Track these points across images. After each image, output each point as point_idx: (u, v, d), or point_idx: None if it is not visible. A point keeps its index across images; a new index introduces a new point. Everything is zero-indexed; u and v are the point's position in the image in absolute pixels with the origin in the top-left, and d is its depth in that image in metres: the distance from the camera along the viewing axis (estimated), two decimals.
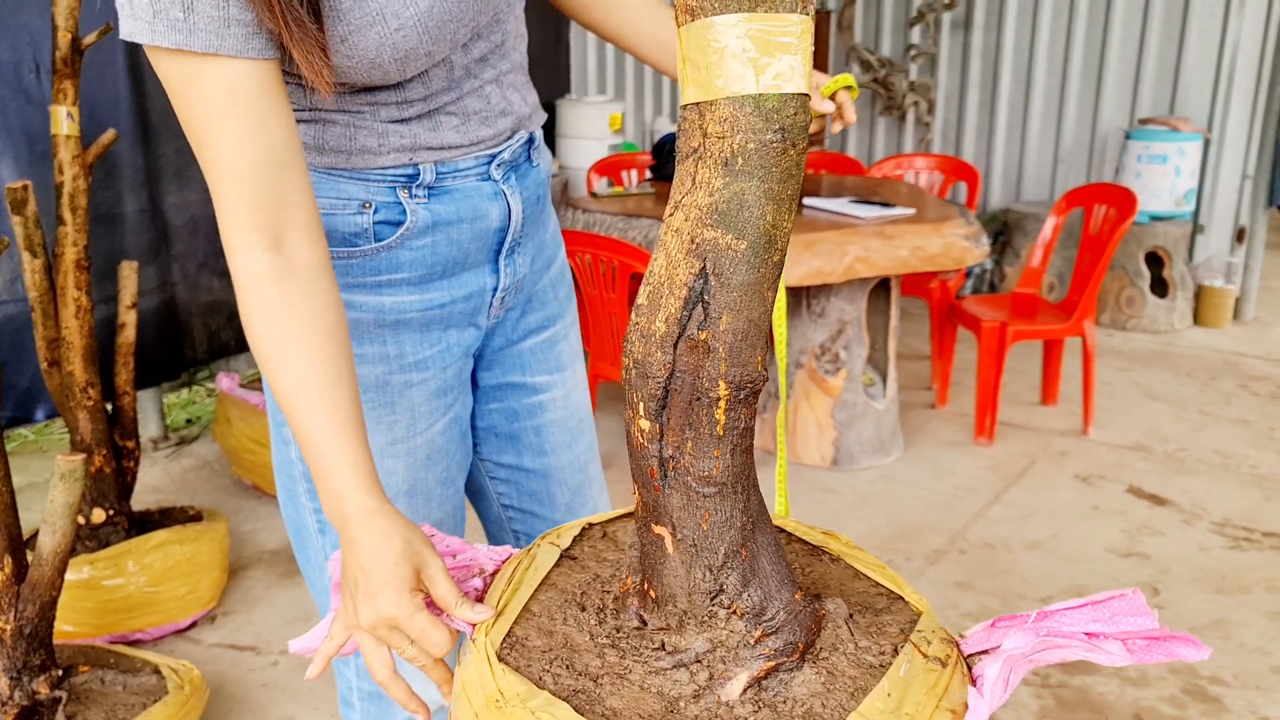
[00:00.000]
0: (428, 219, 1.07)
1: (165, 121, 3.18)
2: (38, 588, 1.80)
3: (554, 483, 1.30)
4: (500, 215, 1.12)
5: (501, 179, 1.12)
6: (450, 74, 1.05)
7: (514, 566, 0.90)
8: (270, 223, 0.90)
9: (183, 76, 0.86)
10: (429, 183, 1.07)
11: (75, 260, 2.29)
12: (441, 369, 1.14)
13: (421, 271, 1.09)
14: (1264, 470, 3.16)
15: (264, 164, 0.89)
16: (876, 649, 0.78)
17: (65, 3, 2.23)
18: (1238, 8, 4.28)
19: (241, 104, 0.87)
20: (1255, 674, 2.21)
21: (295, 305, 0.90)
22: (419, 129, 1.05)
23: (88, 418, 2.32)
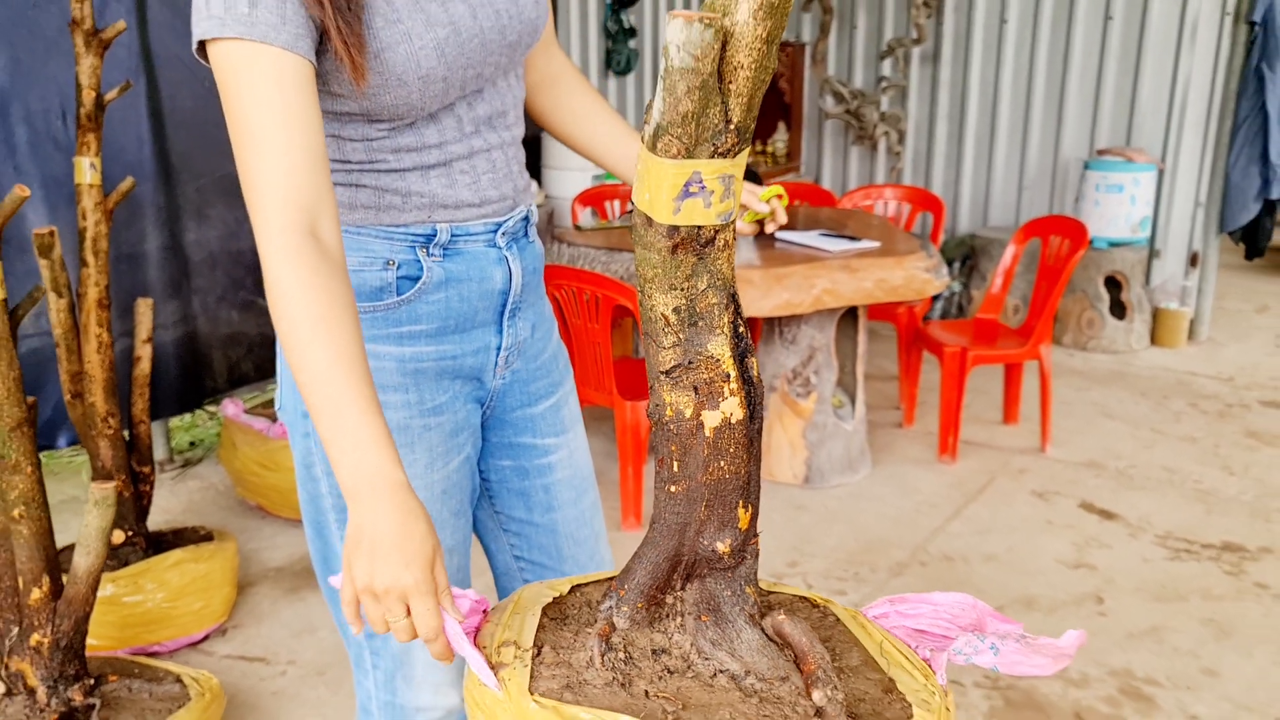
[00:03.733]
0: (441, 275, 1.24)
1: (185, 163, 3.37)
2: (73, 604, 1.97)
3: (561, 537, 1.45)
4: (503, 279, 1.29)
5: (505, 246, 1.29)
6: (460, 126, 1.21)
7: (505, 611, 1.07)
8: (309, 206, 1.02)
9: (240, 63, 1.01)
10: (444, 243, 1.23)
11: (97, 299, 2.47)
12: (454, 413, 1.30)
13: (436, 324, 1.25)
14: (1206, 485, 3.38)
15: (306, 152, 1.02)
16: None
17: (89, 63, 2.42)
18: (1189, 46, 4.52)
19: (288, 92, 1.02)
20: (1186, 675, 2.41)
21: (330, 287, 1.00)
22: (436, 184, 1.21)
23: (108, 445, 2.50)
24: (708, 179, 0.86)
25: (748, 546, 1.01)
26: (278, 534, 3.11)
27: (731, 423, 0.94)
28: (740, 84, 0.84)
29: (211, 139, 3.49)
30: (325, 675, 2.45)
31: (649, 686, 0.95)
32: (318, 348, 0.99)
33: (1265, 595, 2.73)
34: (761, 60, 0.83)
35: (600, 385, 3.12)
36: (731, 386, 0.93)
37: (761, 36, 0.82)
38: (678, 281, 0.91)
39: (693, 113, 0.83)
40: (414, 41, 1.11)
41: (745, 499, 0.98)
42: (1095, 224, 4.57)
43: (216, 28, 1.02)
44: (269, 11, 1.02)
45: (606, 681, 0.94)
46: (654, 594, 1.01)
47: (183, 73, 3.37)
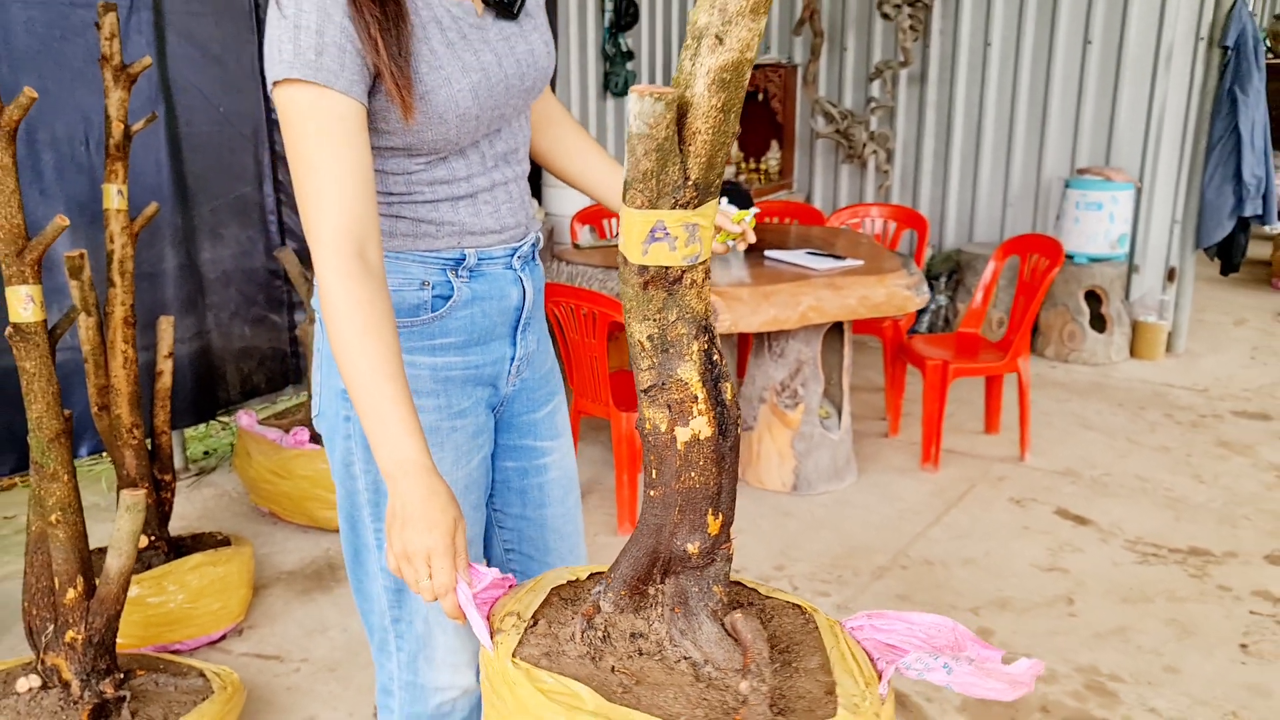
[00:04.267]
0: (468, 294, 1.42)
1: (201, 185, 3.54)
2: (105, 603, 2.12)
3: (549, 531, 1.62)
4: (518, 296, 1.48)
5: (519, 268, 1.48)
6: (483, 161, 1.40)
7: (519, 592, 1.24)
8: (358, 232, 1.20)
9: (309, 104, 1.20)
10: (471, 265, 1.41)
11: (123, 318, 2.63)
12: (475, 417, 1.47)
13: (463, 337, 1.43)
14: (1177, 493, 3.53)
15: (357, 184, 1.21)
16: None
17: (117, 96, 2.57)
18: (1164, 70, 4.69)
19: (349, 131, 1.21)
20: (1148, 672, 2.56)
21: (375, 302, 1.19)
22: (464, 213, 1.39)
23: (132, 455, 2.65)
24: (671, 227, 1.01)
25: (718, 550, 1.16)
26: (289, 539, 3.26)
27: (700, 439, 1.08)
28: (699, 146, 0.99)
29: (225, 163, 3.66)
30: (336, 672, 2.60)
31: (616, 663, 1.10)
32: (363, 356, 1.18)
33: (1227, 597, 2.88)
34: (718, 126, 0.99)
35: (597, 397, 3.27)
36: (700, 407, 1.08)
37: (716, 106, 0.97)
38: (650, 313, 1.06)
39: (652, 171, 0.99)
40: (453, 85, 1.30)
41: (715, 508, 1.13)
42: (1076, 240, 4.74)
43: (286, 70, 1.20)
44: (332, 59, 1.20)
45: (580, 654, 1.10)
46: (636, 584, 1.17)
47: (199, 100, 3.53)
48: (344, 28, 1.20)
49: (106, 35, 2.51)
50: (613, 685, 1.06)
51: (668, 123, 0.96)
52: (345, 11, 1.20)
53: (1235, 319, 5.65)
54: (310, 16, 1.19)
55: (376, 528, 1.45)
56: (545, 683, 1.05)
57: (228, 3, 3.56)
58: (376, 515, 1.44)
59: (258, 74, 3.71)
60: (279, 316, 3.95)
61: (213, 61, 3.55)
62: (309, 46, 1.19)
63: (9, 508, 3.51)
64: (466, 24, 1.34)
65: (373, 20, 1.21)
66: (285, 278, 3.93)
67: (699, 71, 0.95)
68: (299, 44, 1.19)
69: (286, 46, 1.20)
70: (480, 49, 1.34)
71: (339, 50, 1.20)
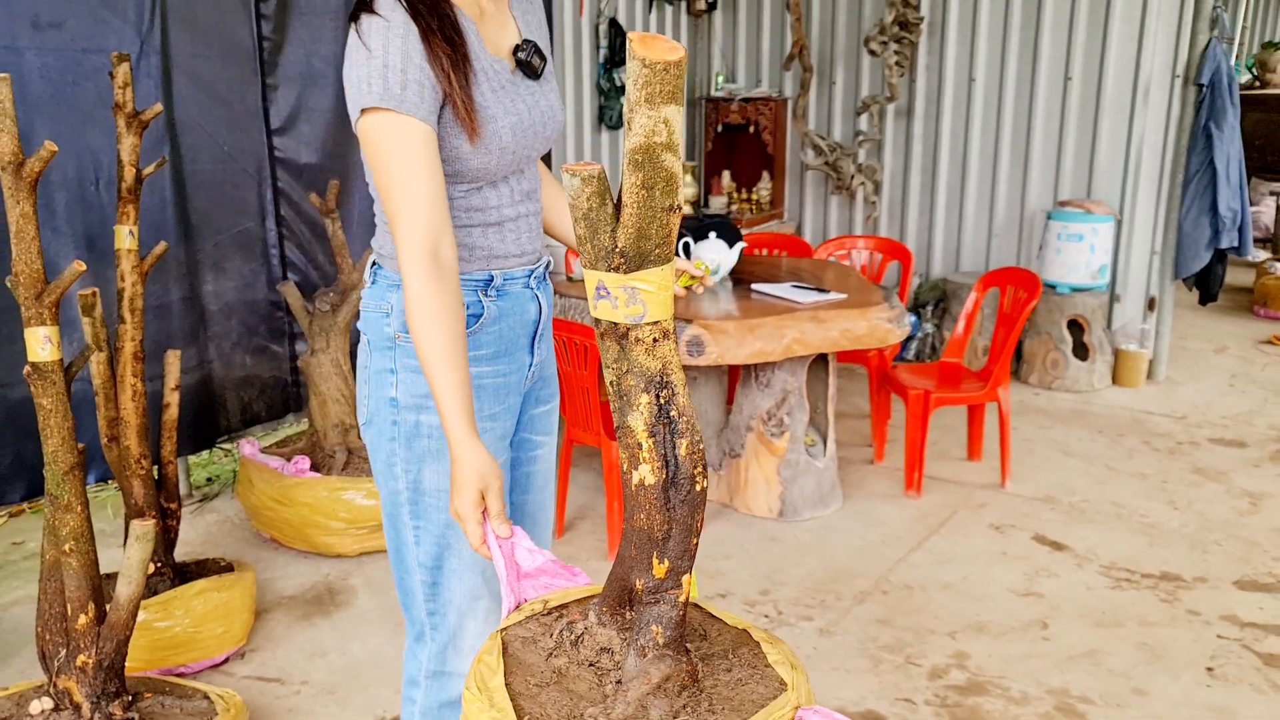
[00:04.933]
0: (495, 312, 1.65)
1: (204, 221, 3.66)
2: (115, 628, 2.22)
3: (525, 516, 1.84)
4: (535, 312, 1.72)
5: (535, 287, 1.71)
6: (512, 195, 1.63)
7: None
8: (435, 238, 1.45)
9: (390, 130, 1.44)
10: (498, 286, 1.65)
11: (133, 353, 2.74)
12: (505, 421, 1.71)
13: (493, 350, 1.66)
14: (1151, 519, 3.64)
15: (436, 197, 1.45)
16: None
17: (129, 142, 2.70)
18: (1142, 106, 4.83)
19: (427, 152, 1.45)
20: (1117, 694, 2.66)
21: (442, 295, 1.44)
22: (493, 238, 1.63)
23: (140, 484, 2.76)
24: (611, 287, 1.13)
25: (662, 594, 1.22)
26: (290, 564, 3.36)
27: (644, 485, 1.19)
28: (625, 218, 1.10)
29: (228, 199, 3.78)
30: (335, 694, 2.70)
31: (561, 664, 1.26)
32: (427, 341, 1.44)
33: (1196, 621, 2.99)
34: (643, 200, 1.08)
35: (589, 426, 3.38)
36: (644, 455, 1.18)
37: (636, 183, 1.08)
38: (609, 361, 1.18)
39: (585, 236, 1.11)
40: (498, 122, 1.55)
41: (660, 553, 1.20)
42: (1058, 270, 4.86)
43: (377, 100, 1.44)
44: (413, 93, 1.45)
45: (546, 648, 1.27)
46: (615, 606, 1.28)
47: (204, 139, 3.66)
48: (422, 67, 1.45)
49: (120, 84, 2.64)
50: (536, 678, 1.24)
51: (587, 195, 1.09)
52: (422, 54, 1.46)
53: (1216, 346, 5.77)
54: (396, 57, 1.44)
55: (415, 525, 1.65)
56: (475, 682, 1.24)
57: (232, 45, 3.69)
58: (415, 513, 1.64)
59: (261, 113, 3.85)
60: (280, 347, 4.06)
61: (218, 101, 3.68)
62: (396, 82, 1.43)
63: (18, 534, 3.61)
64: (504, 77, 1.59)
65: (445, 58, 1.47)
66: (286, 309, 4.04)
67: (623, 153, 1.08)
68: (387, 80, 1.43)
69: (376, 81, 1.44)
70: (515, 98, 1.59)
71: (419, 85, 1.45)
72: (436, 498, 1.64)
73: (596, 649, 1.28)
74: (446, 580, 1.66)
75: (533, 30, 1.69)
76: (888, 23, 5.16)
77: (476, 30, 1.57)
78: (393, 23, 1.46)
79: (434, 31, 1.47)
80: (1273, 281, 6.33)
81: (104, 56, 3.30)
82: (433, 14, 1.48)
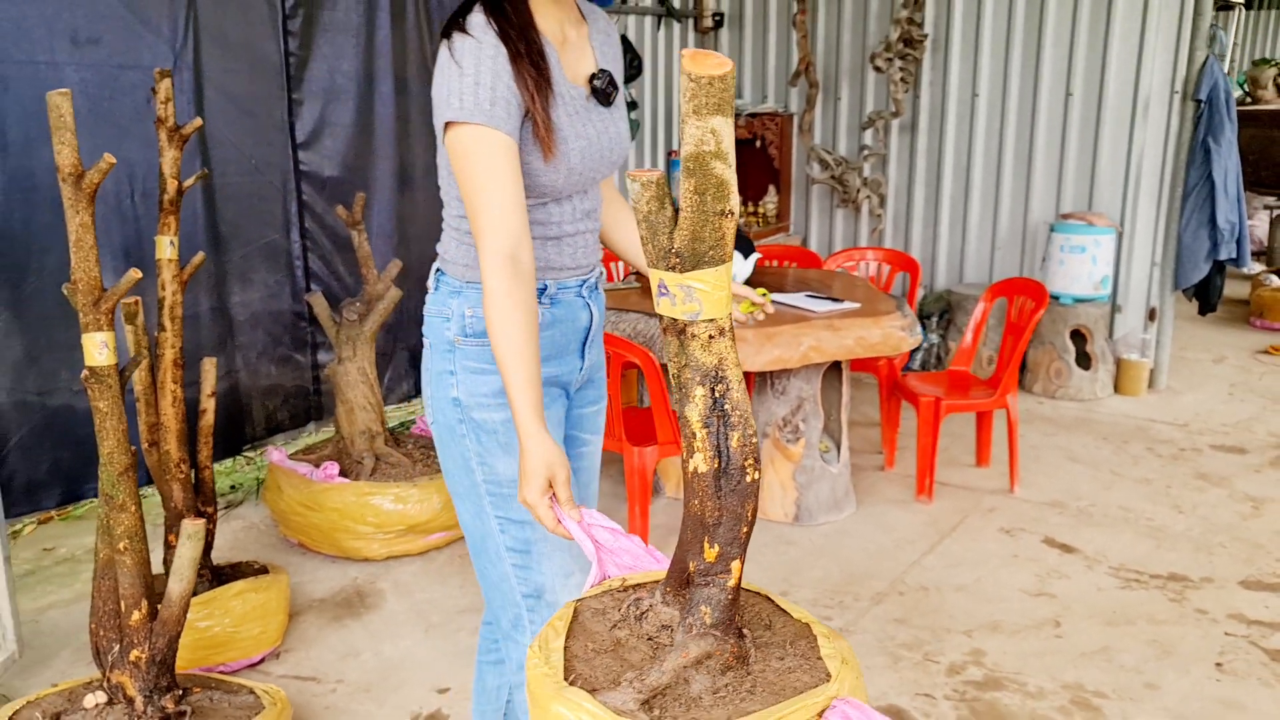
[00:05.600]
0: (550, 319, 1.75)
1: (233, 232, 3.75)
2: (167, 624, 2.29)
3: None
4: (587, 319, 1.82)
5: (587, 296, 1.82)
6: (574, 213, 1.74)
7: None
8: (514, 242, 1.55)
9: (482, 140, 1.55)
10: (553, 294, 1.75)
11: (173, 360, 2.82)
12: (554, 412, 1.80)
13: (546, 353, 1.76)
14: (1157, 523, 3.73)
15: (517, 205, 1.56)
16: None
17: (170, 155, 2.78)
18: (1142, 121, 4.95)
19: (510, 164, 1.56)
20: (1130, 689, 2.74)
21: (522, 299, 1.54)
22: (551, 251, 1.73)
23: (179, 489, 2.84)
24: (670, 285, 1.22)
25: (712, 577, 1.30)
26: (319, 568, 3.43)
27: (698, 473, 1.27)
28: (681, 221, 1.20)
29: (255, 211, 3.87)
30: (371, 692, 2.77)
31: (621, 635, 1.34)
32: (500, 338, 1.54)
33: (1204, 620, 3.07)
34: (695, 205, 1.18)
35: (610, 432, 3.46)
36: (698, 445, 1.26)
37: (690, 189, 1.17)
38: (671, 355, 1.26)
39: (646, 238, 1.20)
40: (568, 144, 1.66)
41: (711, 538, 1.27)
42: (1061, 281, 4.97)
43: (467, 115, 1.55)
44: (499, 107, 1.56)
45: (611, 620, 1.36)
46: (677, 586, 1.36)
47: (233, 153, 3.75)
48: (509, 86, 1.58)
49: (162, 99, 2.73)
50: (596, 644, 1.33)
51: (648, 199, 1.18)
52: (509, 72, 1.58)
53: (1215, 356, 5.88)
54: (486, 75, 1.56)
55: (498, 515, 1.74)
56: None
57: (261, 60, 3.79)
58: (496, 504, 1.74)
59: (286, 127, 3.94)
60: (303, 356, 4.15)
61: (246, 115, 3.77)
62: (485, 98, 1.55)
63: (49, 540, 3.68)
64: (579, 103, 1.70)
65: (530, 80, 1.59)
66: (310, 319, 4.13)
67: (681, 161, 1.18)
68: (478, 96, 1.55)
69: (468, 96, 1.55)
70: (586, 123, 1.71)
71: (505, 102, 1.57)
72: (513, 487, 1.72)
73: (658, 625, 1.36)
74: (537, 563, 1.74)
75: (609, 60, 1.80)
76: (893, 39, 5.28)
77: (558, 57, 1.68)
78: (484, 44, 1.58)
79: (522, 55, 1.59)
80: (1268, 293, 6.45)
81: (139, 72, 3.39)
82: (521, 39, 1.60)
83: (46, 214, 3.22)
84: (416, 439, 3.80)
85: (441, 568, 3.45)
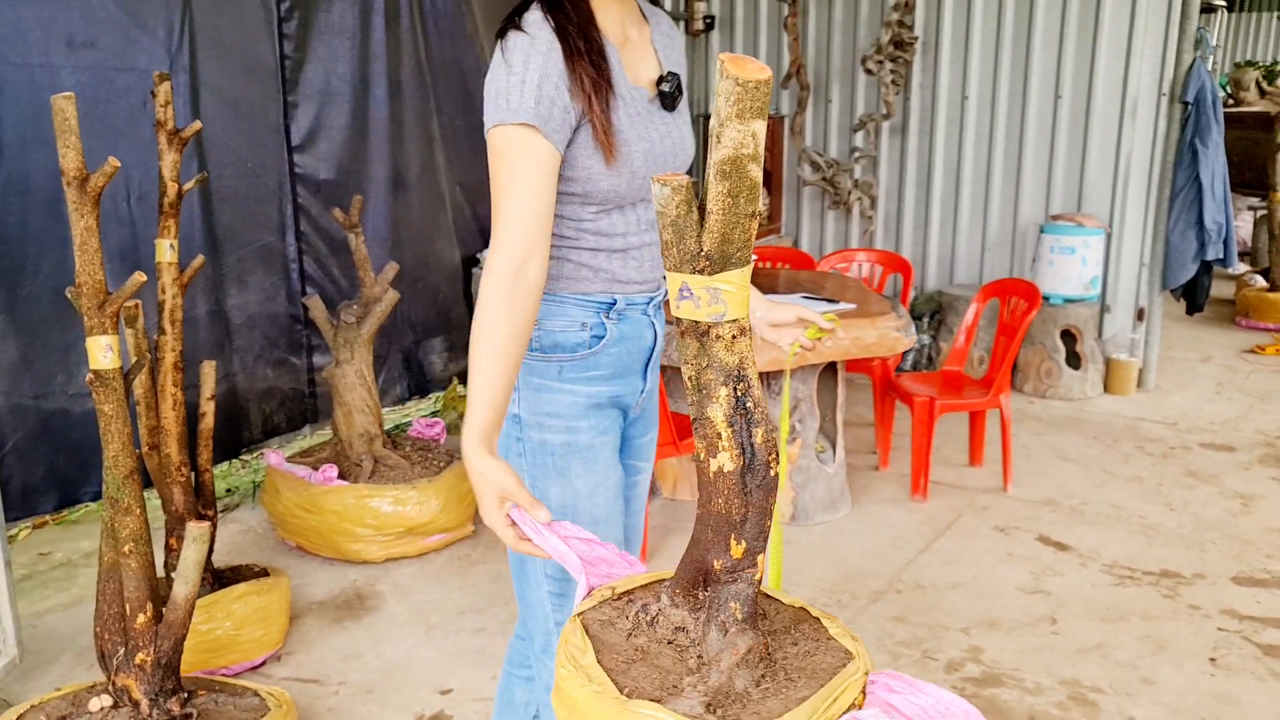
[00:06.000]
0: (616, 335, 1.70)
1: (229, 235, 3.74)
2: (172, 627, 2.29)
3: (625, 532, 1.90)
4: (651, 339, 1.77)
5: (652, 315, 1.77)
6: (639, 223, 1.69)
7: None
8: (526, 252, 1.50)
9: (518, 142, 1.50)
10: (620, 310, 1.70)
11: (173, 363, 2.82)
12: (615, 435, 1.76)
13: (610, 371, 1.71)
14: (1149, 520, 3.77)
15: (540, 213, 1.51)
16: None
17: (170, 159, 2.78)
18: (1130, 123, 5.00)
19: (542, 169, 1.51)
20: (1126, 684, 2.78)
21: (514, 311, 1.49)
22: (616, 263, 1.68)
23: (180, 492, 2.84)
24: (694, 288, 1.23)
25: (739, 573, 1.32)
26: (318, 571, 3.44)
27: (723, 472, 1.28)
28: (711, 224, 1.20)
29: (251, 214, 3.87)
30: (374, 693, 2.78)
31: (642, 642, 1.34)
32: (481, 346, 1.48)
33: (1196, 615, 3.11)
34: (727, 208, 1.19)
35: None
36: (723, 444, 1.27)
37: (723, 192, 1.19)
38: (689, 358, 1.28)
39: (671, 242, 1.21)
40: (631, 147, 1.61)
41: (738, 535, 1.29)
42: (1051, 282, 5.01)
43: (512, 116, 1.50)
44: (545, 110, 1.51)
45: (624, 629, 1.35)
46: (689, 587, 1.37)
47: (229, 156, 3.75)
48: (558, 86, 1.52)
49: (162, 102, 2.73)
50: (623, 655, 1.31)
51: (676, 203, 1.19)
52: (561, 73, 1.53)
53: (1202, 356, 5.94)
54: (534, 74, 1.51)
55: None
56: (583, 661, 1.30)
57: (256, 64, 3.80)
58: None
59: (282, 130, 3.95)
60: (298, 359, 4.15)
61: (242, 118, 3.77)
62: (530, 97, 1.50)
63: (44, 544, 3.66)
64: (641, 105, 1.66)
65: (588, 80, 1.54)
66: (306, 322, 4.13)
67: (710, 164, 1.18)
68: (522, 95, 1.50)
69: (514, 96, 1.50)
70: (649, 126, 1.66)
71: (551, 104, 1.51)
72: (561, 513, 1.68)
73: (672, 628, 1.37)
74: (574, 593, 1.72)
75: (672, 63, 1.74)
76: (884, 42, 5.32)
77: (619, 57, 1.63)
78: (537, 40, 1.53)
79: (580, 54, 1.54)
80: (1253, 293, 6.52)
81: (135, 75, 3.39)
82: (580, 36, 1.55)
83: (42, 217, 3.22)
84: (414, 441, 3.80)
85: (440, 569, 3.45)
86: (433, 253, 4.60)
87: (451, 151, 4.63)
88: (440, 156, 4.56)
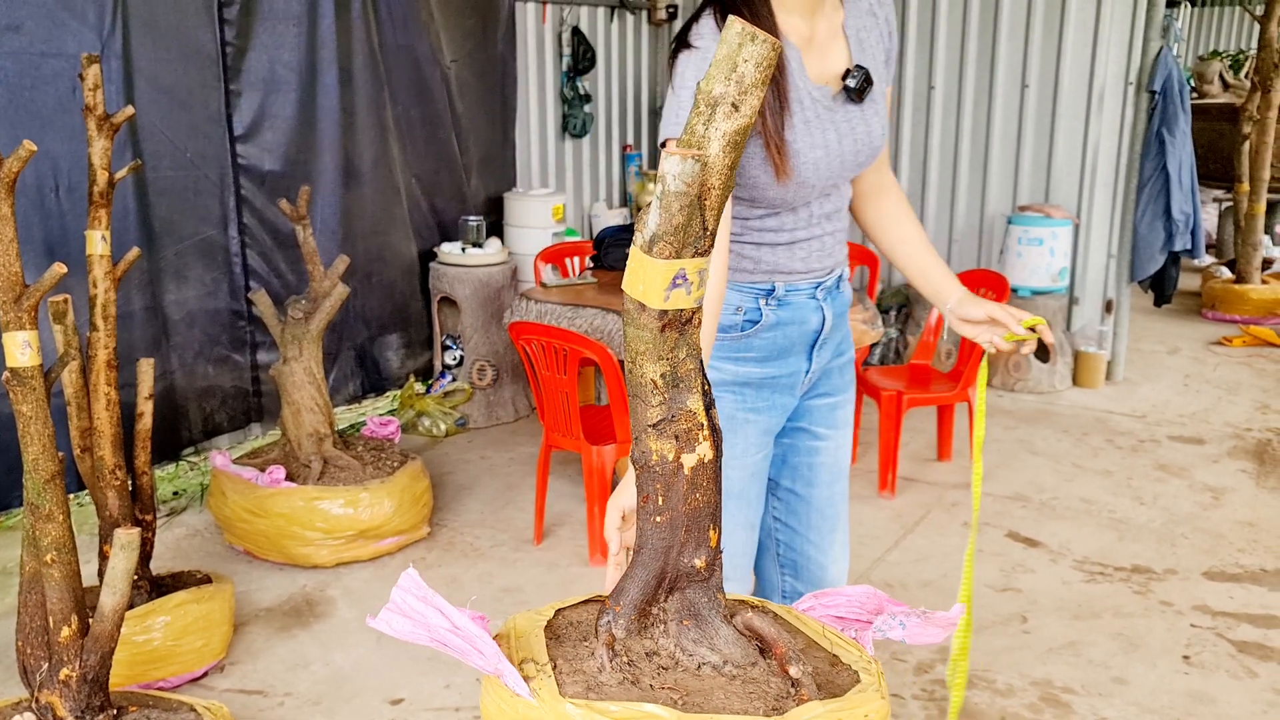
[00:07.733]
0: (773, 320, 1.71)
1: (166, 228, 3.59)
2: (99, 640, 2.16)
3: (812, 509, 1.86)
4: (818, 322, 1.75)
5: (822, 299, 1.75)
6: (810, 219, 1.68)
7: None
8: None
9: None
10: (779, 296, 1.70)
11: (106, 360, 2.68)
12: (770, 416, 1.76)
13: (764, 354, 1.72)
14: (1119, 515, 3.72)
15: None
16: None
17: (100, 145, 2.63)
18: (1097, 112, 4.95)
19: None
20: (1098, 684, 2.70)
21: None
22: (781, 255, 1.68)
23: (115, 495, 2.69)
24: (689, 273, 1.13)
25: (716, 560, 1.27)
26: (266, 576, 3.30)
27: (704, 462, 1.20)
28: (712, 199, 1.11)
29: (190, 206, 3.72)
30: (321, 704, 2.65)
31: (652, 682, 1.19)
32: None
33: (1169, 612, 3.05)
34: (728, 182, 1.11)
35: (568, 431, 3.37)
36: (704, 433, 1.20)
37: (727, 164, 1.09)
38: (664, 353, 1.17)
39: (682, 224, 1.10)
40: (800, 157, 1.59)
41: (714, 522, 1.25)
42: (1019, 274, 4.95)
43: (671, 131, 1.51)
44: None
45: (619, 682, 1.18)
46: (644, 607, 1.27)
47: (165, 146, 3.60)
48: None
49: (90, 86, 2.58)
50: (667, 701, 1.13)
51: (699, 181, 1.08)
52: None
53: (1169, 348, 5.91)
54: (690, 92, 1.50)
55: None
56: (613, 711, 1.11)
57: (195, 50, 3.64)
58: None
59: (224, 119, 3.79)
60: (241, 356, 4.00)
61: (179, 107, 3.62)
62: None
63: None
64: (822, 105, 1.61)
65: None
66: (250, 318, 3.98)
67: (714, 135, 1.07)
68: (679, 115, 1.51)
69: (671, 115, 1.53)
70: (827, 128, 1.61)
71: None
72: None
73: (646, 656, 1.23)
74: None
75: (867, 49, 1.67)
76: None
77: (800, 58, 1.58)
78: (708, 54, 1.49)
79: None
80: (1219, 285, 6.51)
81: (63, 60, 3.23)
82: None
83: None
84: (367, 441, 3.67)
85: (394, 574, 3.32)
86: (388, 246, 4.45)
87: (407, 143, 4.49)
88: (395, 147, 4.42)
